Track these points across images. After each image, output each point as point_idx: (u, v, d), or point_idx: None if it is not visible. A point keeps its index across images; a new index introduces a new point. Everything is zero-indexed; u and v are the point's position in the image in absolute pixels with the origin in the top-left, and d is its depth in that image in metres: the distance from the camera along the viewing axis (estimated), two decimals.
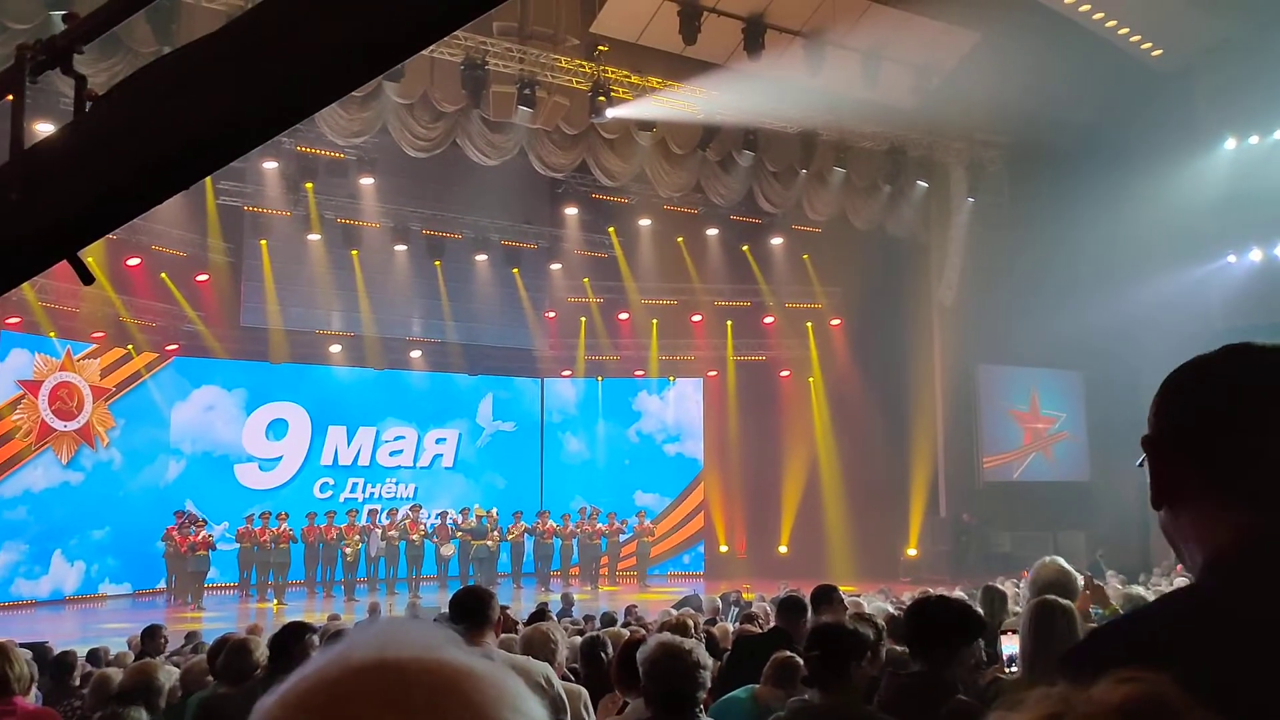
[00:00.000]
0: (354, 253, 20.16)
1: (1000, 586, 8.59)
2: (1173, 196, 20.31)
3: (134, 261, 17.76)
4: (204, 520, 17.87)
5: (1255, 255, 20.31)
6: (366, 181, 19.11)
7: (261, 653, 4.16)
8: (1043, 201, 20.29)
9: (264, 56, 1.34)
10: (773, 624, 5.87)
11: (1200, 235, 20.42)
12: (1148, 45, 20.47)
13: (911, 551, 21.06)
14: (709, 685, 3.04)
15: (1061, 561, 4.16)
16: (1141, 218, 20.95)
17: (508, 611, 6.23)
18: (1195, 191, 20.50)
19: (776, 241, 22.17)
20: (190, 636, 9.25)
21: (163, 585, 17.82)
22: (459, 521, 19.50)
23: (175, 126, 1.37)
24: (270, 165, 18.16)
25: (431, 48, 15.09)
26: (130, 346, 18.28)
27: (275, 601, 17.23)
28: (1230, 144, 20.64)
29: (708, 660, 3.01)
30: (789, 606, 5.47)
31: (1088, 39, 19.80)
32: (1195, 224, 20.41)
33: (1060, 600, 3.31)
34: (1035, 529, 20.40)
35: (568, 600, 13.76)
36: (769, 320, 23.03)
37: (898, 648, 4.89)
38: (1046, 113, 20.25)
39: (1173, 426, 1.21)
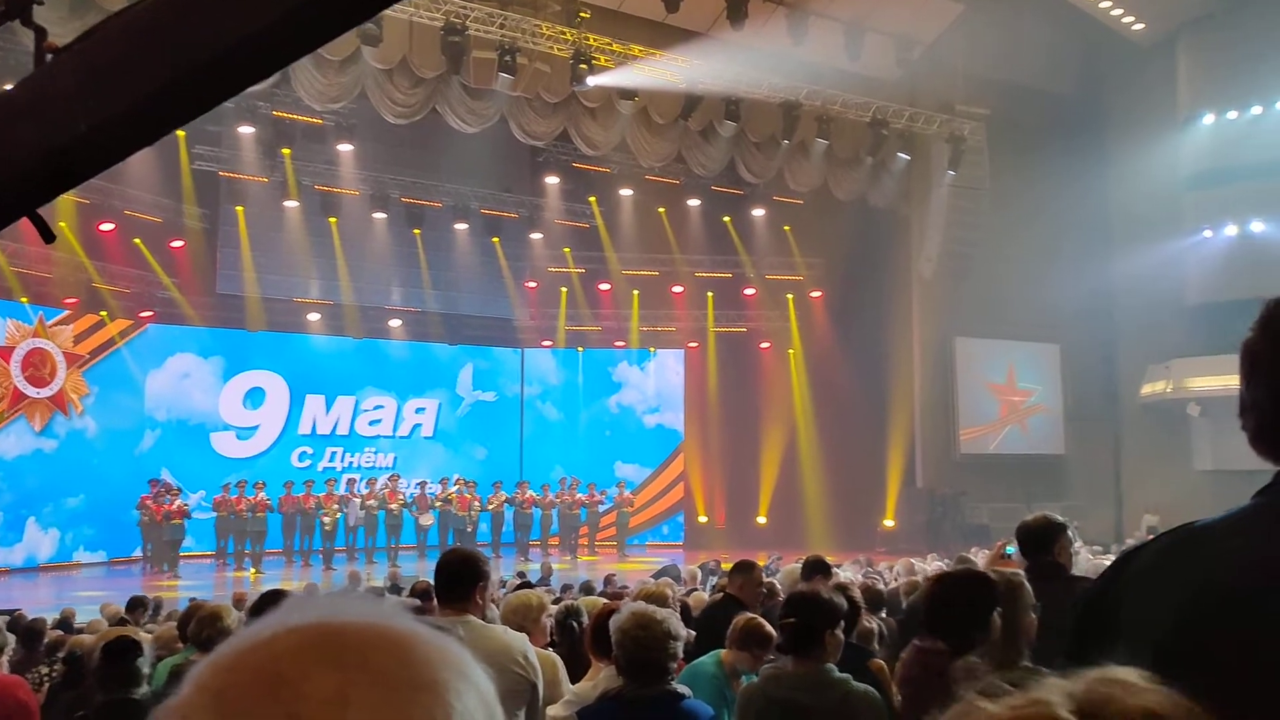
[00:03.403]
0: (332, 220, 19.98)
1: (974, 558, 8.66)
2: (1151, 171, 20.40)
3: (107, 226, 17.54)
4: (179, 489, 17.79)
5: (1230, 230, 20.39)
6: (345, 148, 18.92)
7: (233, 619, 4.14)
8: (1022, 174, 20.31)
9: (231, 7, 1.30)
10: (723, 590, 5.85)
11: (1177, 210, 20.52)
12: (1129, 19, 20.48)
13: (888, 522, 21.22)
14: (681, 655, 3.03)
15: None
16: (1119, 192, 21.06)
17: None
18: (1173, 166, 20.59)
19: (758, 212, 22.09)
20: (155, 604, 9.21)
21: (138, 553, 17.74)
22: (438, 493, 19.49)
23: (139, 78, 1.33)
24: (246, 130, 17.92)
25: (410, 12, 14.91)
26: (104, 313, 18.07)
27: (253, 570, 17.20)
28: (1209, 119, 20.69)
29: (680, 631, 2.99)
30: (740, 570, 5.46)
31: (1069, 11, 19.79)
32: (1172, 198, 20.51)
33: None
34: (1010, 501, 20.59)
35: (546, 570, 13.77)
36: (750, 292, 23.02)
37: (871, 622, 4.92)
38: (1027, 85, 20.28)
39: None
